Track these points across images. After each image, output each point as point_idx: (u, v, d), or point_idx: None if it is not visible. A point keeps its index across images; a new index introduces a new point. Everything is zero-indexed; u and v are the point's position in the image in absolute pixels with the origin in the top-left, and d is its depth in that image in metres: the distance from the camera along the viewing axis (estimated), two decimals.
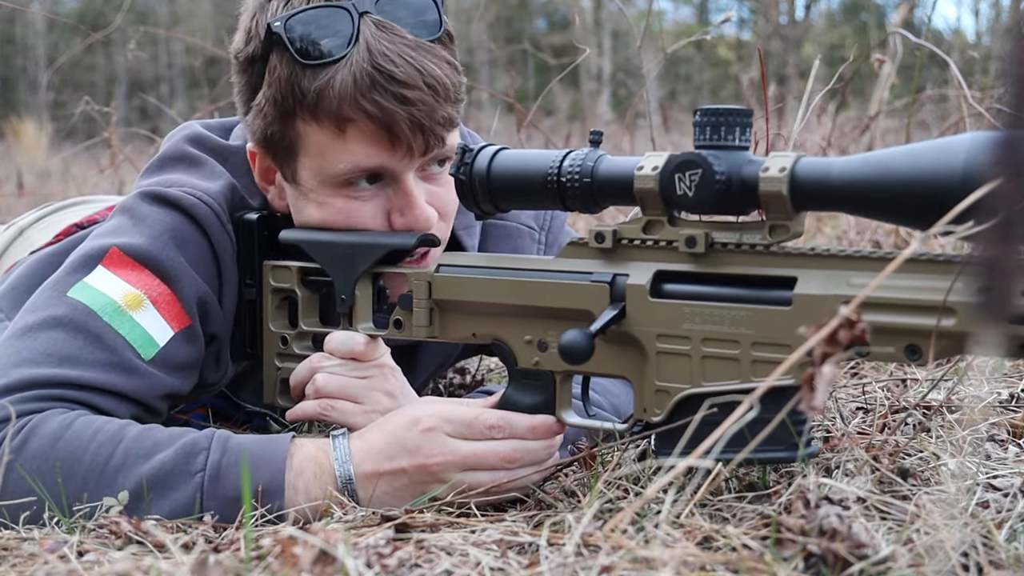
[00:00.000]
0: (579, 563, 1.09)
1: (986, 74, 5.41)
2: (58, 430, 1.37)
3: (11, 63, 22.87)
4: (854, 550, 1.04)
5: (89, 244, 1.55)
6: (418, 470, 1.34)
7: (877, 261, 1.16)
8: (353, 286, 1.52)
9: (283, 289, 1.61)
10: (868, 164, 1.14)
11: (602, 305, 1.31)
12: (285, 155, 1.53)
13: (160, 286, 1.51)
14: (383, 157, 1.48)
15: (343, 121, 1.45)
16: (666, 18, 22.98)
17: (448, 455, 1.34)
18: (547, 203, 1.34)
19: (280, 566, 1.04)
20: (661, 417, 1.28)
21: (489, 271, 1.41)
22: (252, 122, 1.54)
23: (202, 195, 1.55)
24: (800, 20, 17.40)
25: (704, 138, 1.23)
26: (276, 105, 1.48)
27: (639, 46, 3.16)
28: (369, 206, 1.53)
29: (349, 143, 1.47)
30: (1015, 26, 0.77)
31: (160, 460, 1.35)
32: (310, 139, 1.49)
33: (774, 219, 1.21)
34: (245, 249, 1.60)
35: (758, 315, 1.22)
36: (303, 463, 1.36)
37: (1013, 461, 1.42)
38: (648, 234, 1.30)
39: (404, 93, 1.43)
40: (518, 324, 1.39)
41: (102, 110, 4.31)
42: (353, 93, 1.43)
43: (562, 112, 12.38)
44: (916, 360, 1.13)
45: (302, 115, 1.48)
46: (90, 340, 1.46)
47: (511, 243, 1.79)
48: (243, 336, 1.64)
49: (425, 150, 1.49)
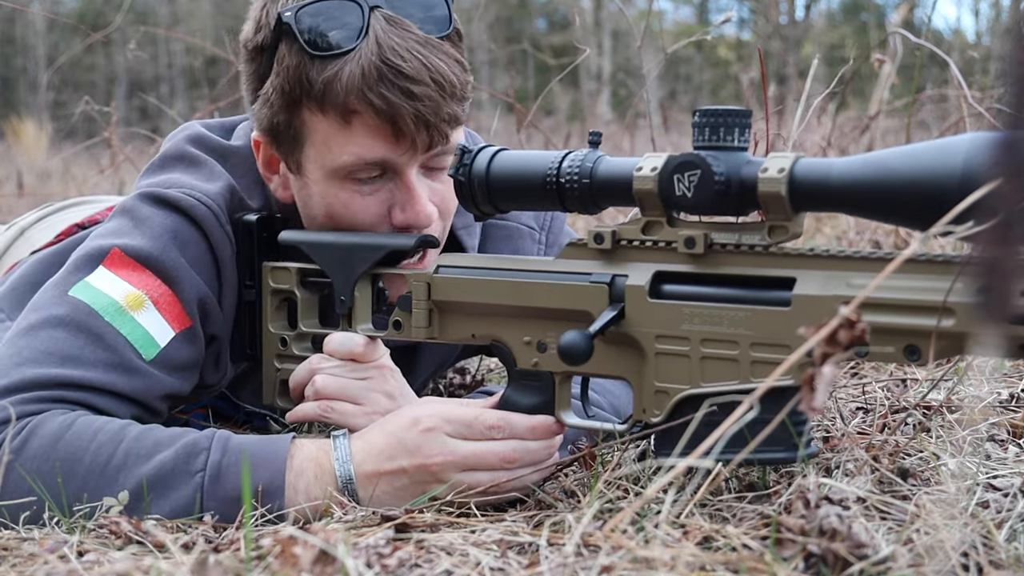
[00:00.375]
0: (579, 563, 1.09)
1: (986, 74, 5.41)
2: (59, 430, 1.37)
3: (11, 63, 22.87)
4: (854, 550, 1.04)
5: (90, 244, 1.55)
6: (418, 470, 1.34)
7: (876, 262, 1.16)
8: (352, 287, 1.52)
9: (282, 290, 1.61)
10: (867, 165, 1.14)
11: (601, 306, 1.31)
12: (290, 145, 1.54)
13: (161, 287, 1.52)
14: (387, 150, 1.48)
15: (349, 113, 1.46)
16: (666, 18, 22.98)
17: (448, 455, 1.34)
18: (546, 204, 1.34)
19: (280, 566, 1.04)
20: (660, 418, 1.28)
21: (488, 272, 1.41)
22: (259, 111, 1.54)
23: (201, 196, 1.55)
24: (800, 20, 17.39)
25: (703, 139, 1.23)
26: (283, 94, 1.49)
27: (639, 46, 3.16)
28: (371, 200, 1.53)
29: (354, 135, 1.48)
30: (1015, 26, 0.77)
31: (160, 460, 1.35)
32: (315, 129, 1.50)
33: (773, 220, 1.21)
34: (244, 250, 1.60)
35: (757, 316, 1.22)
36: (303, 463, 1.36)
37: (1013, 461, 1.42)
38: (647, 235, 1.30)
39: (411, 88, 1.44)
40: (517, 325, 1.39)
41: (102, 110, 4.31)
42: (360, 85, 1.44)
43: (562, 112, 12.38)
44: (915, 361, 1.13)
45: (308, 105, 1.48)
46: (91, 340, 1.46)
47: (511, 243, 1.80)
48: (243, 337, 1.64)
49: (429, 146, 1.49)
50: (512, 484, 1.36)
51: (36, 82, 20.78)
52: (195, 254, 1.55)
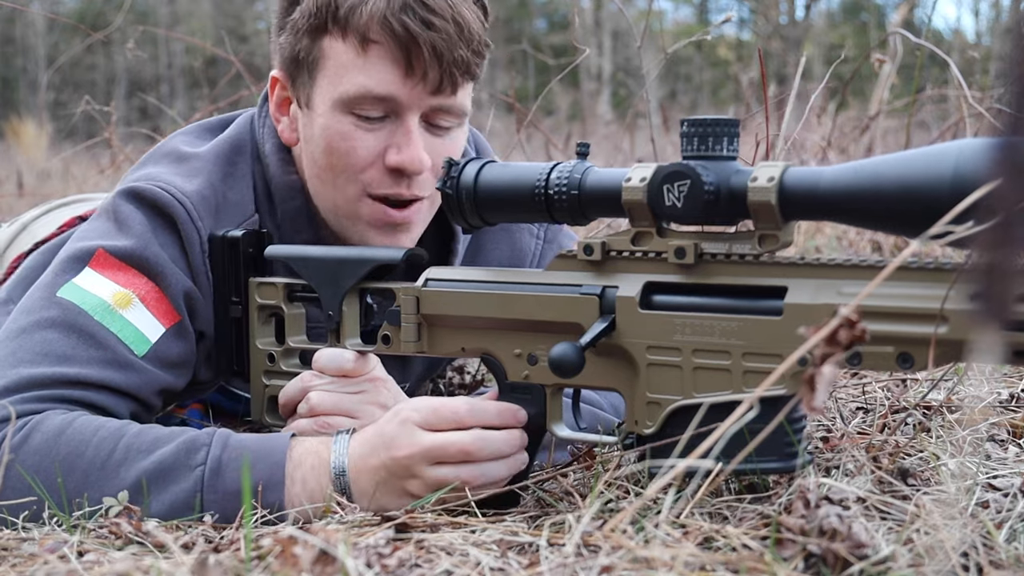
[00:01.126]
0: (579, 563, 1.09)
1: (986, 74, 5.41)
2: (60, 427, 1.38)
3: (11, 63, 22.88)
4: (854, 550, 1.04)
5: (75, 245, 1.57)
6: (393, 463, 1.34)
7: (867, 269, 1.16)
8: (340, 302, 1.51)
9: (269, 306, 1.60)
10: (857, 173, 1.14)
11: (592, 318, 1.30)
12: (306, 76, 1.58)
13: (147, 284, 1.53)
14: (395, 85, 1.52)
15: (367, 42, 1.51)
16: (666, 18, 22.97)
17: (414, 446, 1.33)
18: (535, 216, 1.34)
19: (280, 566, 1.04)
20: (653, 429, 1.27)
21: (477, 285, 1.40)
22: (283, 41, 1.60)
23: (174, 191, 1.57)
24: (800, 20, 17.40)
25: (692, 149, 1.23)
26: (309, 18, 1.55)
27: (639, 46, 3.16)
28: (370, 136, 1.56)
29: (368, 65, 1.52)
30: (1015, 26, 0.77)
31: (161, 455, 1.36)
32: (333, 57, 1.54)
33: (763, 229, 1.21)
34: (230, 266, 1.59)
35: (749, 325, 1.21)
36: (303, 455, 1.37)
37: (1013, 461, 1.42)
38: (637, 246, 1.29)
39: (431, 19, 1.49)
40: (507, 338, 1.38)
41: (102, 110, 4.30)
42: (384, 11, 1.50)
43: (562, 112, 12.38)
44: (908, 368, 1.13)
45: (332, 30, 1.54)
46: (83, 339, 1.47)
47: (509, 237, 1.79)
48: (229, 354, 1.63)
49: (438, 86, 1.53)
50: (480, 481, 1.35)
51: (36, 82, 20.78)
52: (171, 250, 1.56)
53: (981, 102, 3.34)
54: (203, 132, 1.74)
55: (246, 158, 1.67)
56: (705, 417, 1.13)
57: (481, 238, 1.79)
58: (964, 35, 15.76)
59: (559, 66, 6.23)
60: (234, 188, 1.63)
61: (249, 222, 1.62)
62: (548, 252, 1.81)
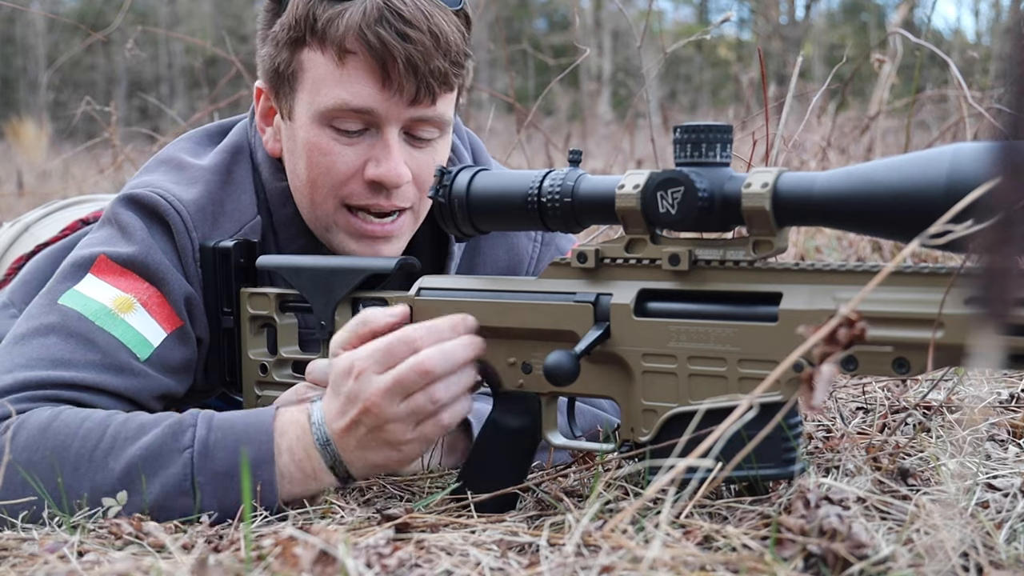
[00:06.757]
0: (579, 563, 1.09)
1: (986, 74, 5.41)
2: (46, 421, 1.39)
3: (11, 63, 22.88)
4: (854, 550, 1.04)
5: (78, 253, 1.58)
6: (366, 416, 1.33)
7: (862, 275, 1.16)
8: (333, 312, 1.50)
9: (261, 316, 1.59)
10: (851, 178, 1.14)
11: (586, 325, 1.30)
12: (287, 88, 1.59)
13: (149, 289, 1.54)
14: (373, 97, 1.52)
15: (344, 53, 1.51)
16: (666, 18, 23.00)
17: (378, 393, 1.32)
18: (528, 224, 1.34)
19: (280, 566, 1.05)
20: (649, 436, 1.27)
21: (471, 294, 1.39)
22: (265, 53, 1.61)
23: (171, 197, 1.57)
24: (800, 20, 17.41)
25: (685, 155, 1.23)
26: (289, 31, 1.55)
27: (639, 46, 3.16)
28: (350, 150, 1.56)
29: (345, 77, 1.52)
30: (1015, 26, 0.77)
31: (148, 440, 1.37)
32: (312, 70, 1.55)
33: (757, 235, 1.21)
34: (222, 276, 1.59)
35: (744, 332, 1.21)
36: (286, 425, 1.38)
37: (1013, 461, 1.42)
38: (631, 253, 1.29)
39: (406, 31, 1.49)
40: (501, 346, 1.38)
41: (102, 110, 4.30)
42: (360, 23, 1.50)
43: (562, 112, 12.39)
44: (904, 373, 1.13)
45: (310, 42, 1.54)
46: (82, 343, 1.48)
47: (506, 240, 1.79)
48: (221, 365, 1.63)
49: (415, 97, 1.52)
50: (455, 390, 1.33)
51: (36, 82, 20.80)
52: (170, 256, 1.56)
53: (981, 102, 3.34)
54: (203, 139, 1.74)
55: (246, 164, 1.67)
56: (701, 424, 1.13)
57: (478, 241, 1.79)
58: (964, 35, 15.78)
59: (559, 66, 6.22)
60: (234, 195, 1.63)
61: (251, 225, 1.62)
62: (545, 254, 1.81)
